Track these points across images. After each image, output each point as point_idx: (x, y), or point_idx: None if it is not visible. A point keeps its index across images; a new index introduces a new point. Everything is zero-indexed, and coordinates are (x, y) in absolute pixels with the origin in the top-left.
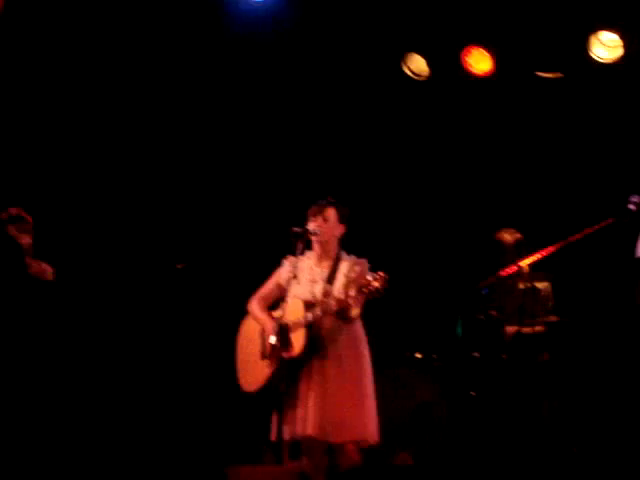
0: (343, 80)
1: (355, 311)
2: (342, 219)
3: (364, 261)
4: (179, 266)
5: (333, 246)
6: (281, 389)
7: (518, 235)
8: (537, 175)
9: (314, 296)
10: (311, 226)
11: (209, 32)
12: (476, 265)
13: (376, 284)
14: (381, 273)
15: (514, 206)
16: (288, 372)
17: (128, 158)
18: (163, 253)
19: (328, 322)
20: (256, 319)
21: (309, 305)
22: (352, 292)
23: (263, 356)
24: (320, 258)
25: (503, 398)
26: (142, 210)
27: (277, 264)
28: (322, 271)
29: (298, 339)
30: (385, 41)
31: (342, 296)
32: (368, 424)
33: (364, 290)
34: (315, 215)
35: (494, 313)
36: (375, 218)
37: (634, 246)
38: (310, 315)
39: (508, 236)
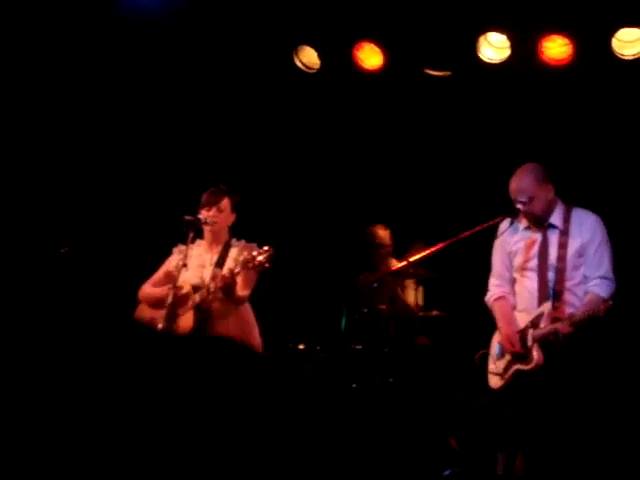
0: (235, 71)
1: (243, 291)
2: (234, 207)
3: (254, 245)
4: (63, 250)
5: (224, 233)
6: None
7: (387, 231)
8: (424, 172)
9: (202, 280)
10: (204, 215)
11: (101, 17)
12: (361, 258)
13: (261, 258)
14: (266, 247)
15: (400, 202)
16: None
17: (12, 138)
18: (48, 237)
19: (217, 305)
20: (150, 295)
21: (197, 288)
22: (237, 269)
23: None
24: (211, 245)
25: (384, 390)
26: (25, 192)
27: (167, 253)
28: (212, 256)
29: (186, 322)
30: (277, 33)
31: (227, 274)
32: None
33: (249, 265)
34: (210, 205)
35: (383, 307)
36: (264, 206)
37: None
38: (197, 297)
39: (382, 231)
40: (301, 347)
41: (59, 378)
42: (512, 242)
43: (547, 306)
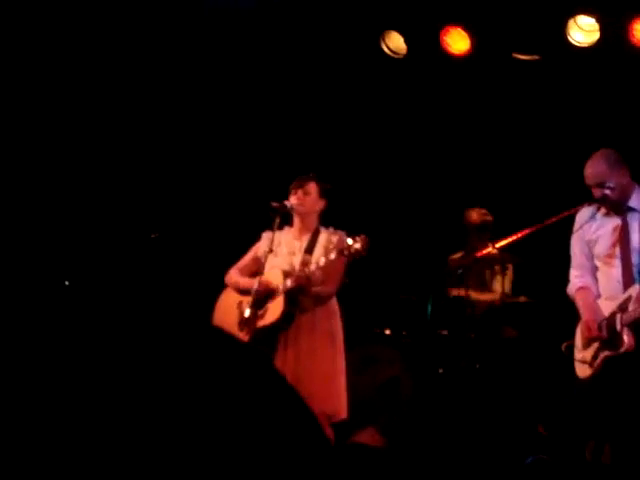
0: (323, 57)
1: (328, 287)
2: (323, 194)
3: (342, 233)
4: (153, 236)
5: (313, 220)
6: None
7: (486, 216)
8: (513, 157)
9: (293, 266)
10: (291, 200)
11: (188, 6)
12: (448, 243)
13: (357, 246)
14: (362, 235)
15: (489, 187)
16: (263, 343)
17: (102, 126)
18: (138, 223)
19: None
20: (237, 284)
21: (288, 274)
22: (332, 255)
23: (240, 327)
24: (300, 231)
25: (470, 376)
26: (118, 179)
27: (257, 238)
28: (301, 244)
29: (276, 306)
30: (364, 19)
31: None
32: (339, 398)
33: (345, 252)
34: (296, 189)
35: (468, 293)
36: (351, 194)
37: None
38: (289, 282)
39: (475, 215)
40: (387, 332)
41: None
42: (592, 230)
43: (635, 289)
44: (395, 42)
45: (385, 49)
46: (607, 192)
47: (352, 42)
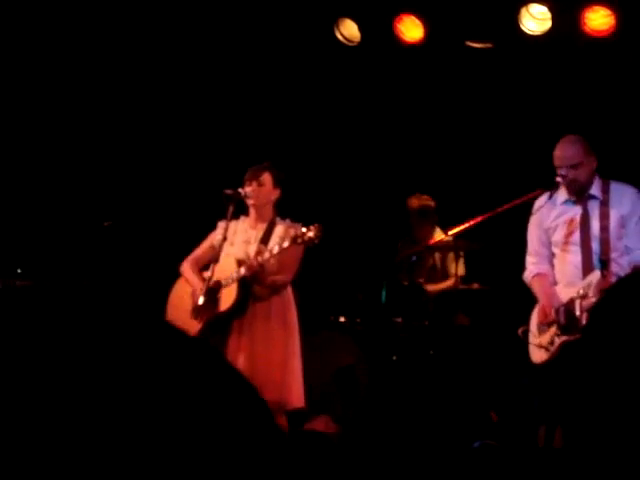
0: (277, 44)
1: (283, 276)
2: (277, 183)
3: (298, 225)
4: (106, 224)
5: (268, 210)
6: None
7: (428, 202)
8: (466, 144)
9: (248, 255)
10: (246, 190)
11: None
12: (396, 230)
13: (311, 234)
14: (316, 224)
15: (441, 174)
16: (216, 330)
17: (58, 118)
18: (92, 210)
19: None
20: (187, 280)
21: (242, 262)
22: (285, 243)
23: (193, 314)
24: (255, 221)
25: (424, 363)
26: (71, 166)
27: (211, 227)
28: (257, 233)
29: (229, 294)
30: (318, 6)
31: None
32: (294, 387)
33: (298, 241)
34: (250, 179)
35: (421, 280)
36: (306, 183)
37: None
38: (242, 270)
39: (415, 201)
40: (342, 320)
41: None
42: (551, 218)
43: (596, 275)
44: (349, 30)
45: (339, 36)
46: (579, 175)
47: (306, 29)
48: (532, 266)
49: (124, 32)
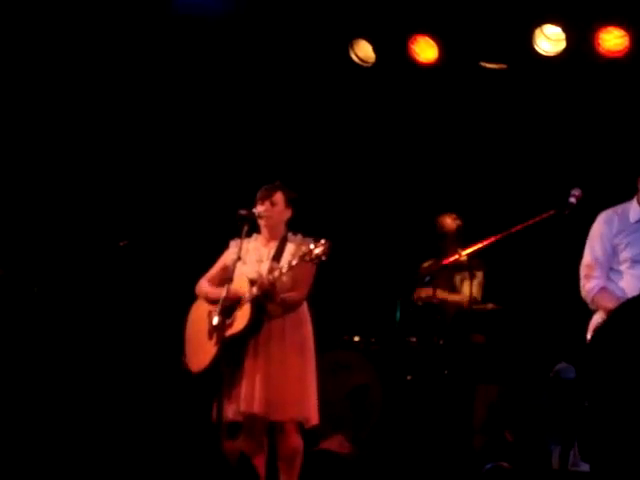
0: (292, 65)
1: (297, 293)
2: (289, 203)
3: (310, 240)
4: (122, 243)
5: (280, 228)
6: (222, 368)
7: (459, 221)
8: (480, 165)
9: (260, 274)
10: (258, 210)
11: (155, 12)
12: (416, 249)
13: (318, 251)
14: (323, 240)
15: (456, 194)
16: (232, 351)
17: (67, 132)
18: (106, 230)
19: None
20: (206, 295)
21: (254, 282)
22: (294, 261)
23: (209, 336)
24: (267, 239)
25: (438, 383)
26: (85, 187)
27: (224, 247)
28: (269, 251)
29: (243, 315)
30: (333, 27)
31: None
32: (310, 404)
33: (306, 258)
34: (263, 199)
35: (434, 301)
36: (320, 202)
37: (573, 240)
38: (255, 289)
39: (450, 221)
40: (356, 339)
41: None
42: (623, 234)
43: None
44: (364, 50)
45: (354, 57)
46: None
47: (321, 50)
48: (596, 280)
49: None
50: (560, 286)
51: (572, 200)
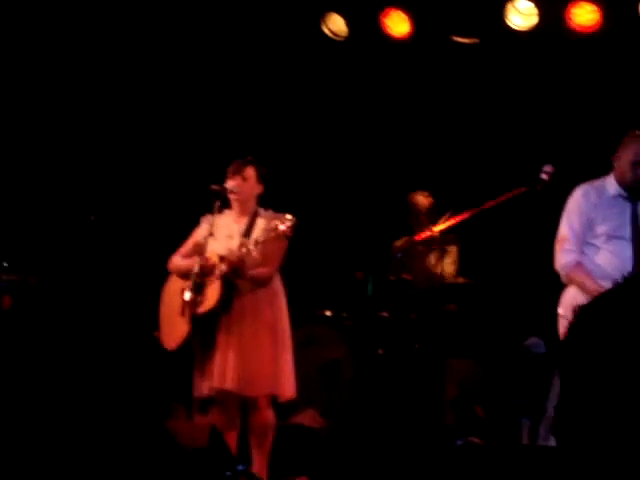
0: (264, 39)
1: (265, 268)
2: (261, 178)
3: (281, 216)
4: (92, 218)
5: (251, 204)
6: (194, 344)
7: (431, 199)
8: (452, 140)
9: (230, 250)
10: (230, 184)
11: None
12: (388, 226)
13: (283, 227)
14: (288, 216)
15: (429, 171)
16: (204, 327)
17: (36, 108)
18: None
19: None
20: (179, 268)
21: (224, 258)
22: (261, 238)
23: (182, 313)
24: (238, 215)
25: (409, 357)
26: (55, 162)
27: (196, 223)
28: (239, 227)
29: (213, 292)
30: (305, 1)
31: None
32: (285, 378)
33: (271, 234)
34: (234, 174)
35: (408, 277)
36: (292, 177)
37: (545, 215)
38: (224, 266)
39: (422, 199)
40: (328, 314)
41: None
42: (599, 208)
43: None
44: (336, 24)
45: (326, 31)
46: None
47: (293, 24)
48: (572, 254)
49: (104, 26)
50: (531, 261)
51: (544, 176)
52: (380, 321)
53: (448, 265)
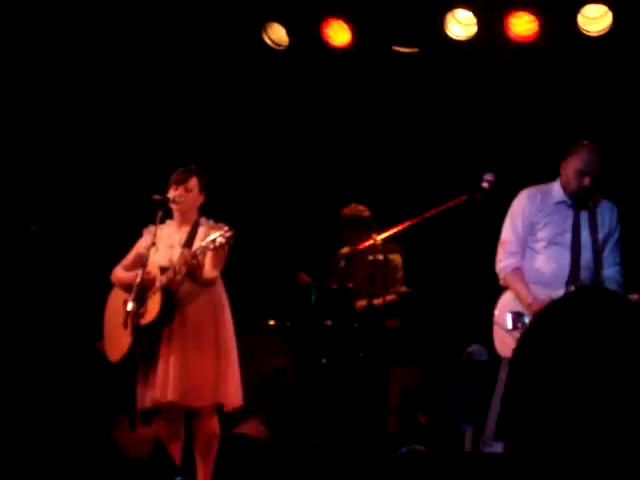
0: (205, 49)
1: (211, 273)
2: (203, 188)
3: (222, 225)
4: (33, 228)
5: (193, 213)
6: (137, 356)
7: (362, 212)
8: (393, 150)
9: (171, 261)
10: (172, 194)
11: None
12: (329, 235)
13: (221, 239)
14: (226, 227)
15: (370, 181)
16: (147, 339)
17: None
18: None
19: (187, 286)
20: (120, 281)
21: (164, 269)
22: (199, 250)
23: (125, 324)
24: (180, 224)
25: (353, 366)
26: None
27: (139, 233)
28: (180, 237)
29: (154, 304)
30: (246, 10)
31: (188, 258)
32: (229, 388)
33: (210, 247)
34: (178, 184)
35: (350, 285)
36: (235, 187)
37: (486, 224)
38: (164, 278)
39: (347, 210)
40: (271, 323)
41: None
42: (542, 213)
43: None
44: (277, 34)
45: (267, 40)
46: (596, 184)
47: (234, 34)
48: (512, 258)
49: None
50: (473, 269)
51: (485, 185)
52: (323, 330)
53: (392, 273)
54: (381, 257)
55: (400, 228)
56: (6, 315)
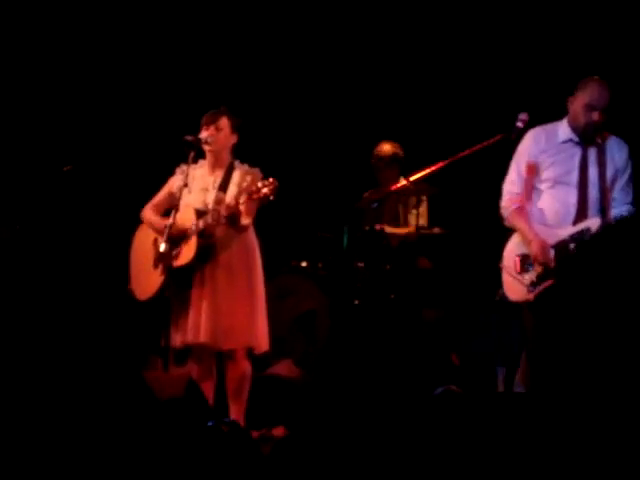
0: None
1: (246, 219)
2: (235, 128)
3: (256, 170)
4: (66, 169)
5: (226, 155)
6: (169, 296)
7: (398, 150)
8: (425, 90)
9: (206, 204)
10: (203, 134)
11: None
12: (359, 177)
13: (265, 190)
14: (271, 179)
15: (401, 121)
16: (179, 280)
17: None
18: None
19: (220, 230)
20: (151, 224)
21: (200, 213)
22: (242, 199)
23: (155, 264)
24: (213, 167)
25: (385, 307)
26: (29, 111)
27: (171, 173)
28: (214, 179)
29: (189, 247)
30: None
31: (232, 202)
32: (259, 331)
33: (254, 197)
34: (208, 124)
35: (382, 227)
36: (266, 128)
37: None
38: (201, 223)
39: (386, 148)
40: (304, 265)
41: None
42: (547, 152)
43: (595, 222)
44: None
45: None
46: (604, 119)
47: None
48: (515, 196)
49: None
50: None
51: (519, 124)
52: (355, 272)
53: (422, 218)
54: (414, 199)
55: (433, 169)
56: (39, 257)
